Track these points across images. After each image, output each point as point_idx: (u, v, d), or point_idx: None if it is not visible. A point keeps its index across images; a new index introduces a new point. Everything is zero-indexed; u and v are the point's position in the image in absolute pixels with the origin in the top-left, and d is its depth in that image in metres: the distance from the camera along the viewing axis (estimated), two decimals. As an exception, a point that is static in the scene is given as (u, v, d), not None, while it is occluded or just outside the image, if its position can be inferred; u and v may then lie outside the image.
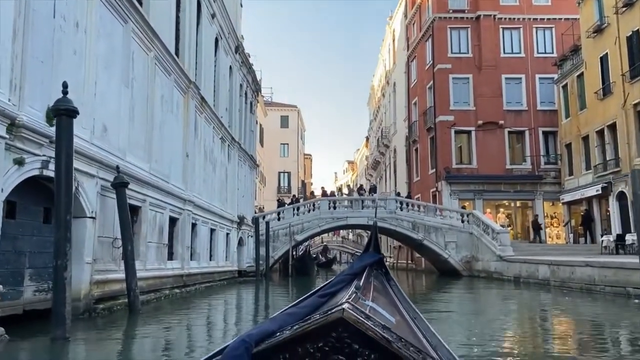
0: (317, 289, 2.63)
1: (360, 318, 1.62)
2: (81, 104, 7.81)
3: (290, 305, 2.48)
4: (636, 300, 10.56)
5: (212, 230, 17.65)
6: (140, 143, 10.90)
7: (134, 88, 10.59)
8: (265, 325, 1.83)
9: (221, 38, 18.83)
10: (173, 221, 13.43)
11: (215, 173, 18.05)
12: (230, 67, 20.82)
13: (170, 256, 13.27)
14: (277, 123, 58.24)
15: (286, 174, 58.65)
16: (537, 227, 27.01)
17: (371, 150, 59.61)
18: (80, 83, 8.21)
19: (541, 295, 14.37)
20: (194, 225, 15.32)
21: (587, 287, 13.29)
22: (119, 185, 8.92)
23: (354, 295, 1.88)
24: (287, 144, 59.38)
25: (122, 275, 9.11)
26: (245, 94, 24.37)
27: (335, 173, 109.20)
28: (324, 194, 30.43)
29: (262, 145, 51.19)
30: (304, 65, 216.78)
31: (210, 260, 17.49)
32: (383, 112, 48.40)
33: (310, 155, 78.70)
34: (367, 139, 67.85)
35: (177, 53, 13.61)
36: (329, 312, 1.65)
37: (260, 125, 50.70)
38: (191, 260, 14.85)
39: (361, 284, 2.27)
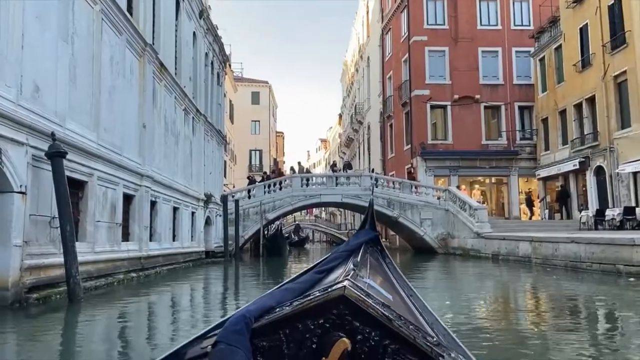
0: (313, 264, 2.53)
1: (361, 296, 1.61)
2: (2, 56, 6.48)
3: (287, 281, 2.37)
4: (631, 279, 9.89)
5: (175, 209, 16.41)
6: (84, 109, 9.56)
7: (75, 45, 9.21)
8: (263, 301, 1.79)
9: (183, 0, 17.32)
10: (128, 198, 12.17)
11: (178, 147, 16.73)
12: (194, 34, 19.32)
13: (126, 237, 12.04)
14: (248, 99, 56.48)
15: (258, 152, 57.19)
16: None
17: (344, 127, 58.61)
18: (1, 32, 6.85)
19: (522, 273, 13.74)
20: (153, 203, 14.07)
21: (572, 265, 12.67)
22: (55, 155, 7.65)
23: (352, 272, 1.88)
24: (259, 121, 57.77)
25: (63, 260, 7.89)
26: (212, 64, 22.88)
27: (308, 151, 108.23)
28: (301, 170, 29.31)
29: (232, 122, 49.56)
30: (275, 42, 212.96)
31: (174, 241, 16.29)
32: (357, 88, 47.28)
33: (283, 133, 77.20)
34: (340, 116, 66.74)
35: (130, 11, 12.16)
36: (330, 290, 1.64)
37: (230, 101, 49.03)
38: (151, 241, 13.64)
39: (358, 260, 2.29)
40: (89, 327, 6.41)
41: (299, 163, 31.69)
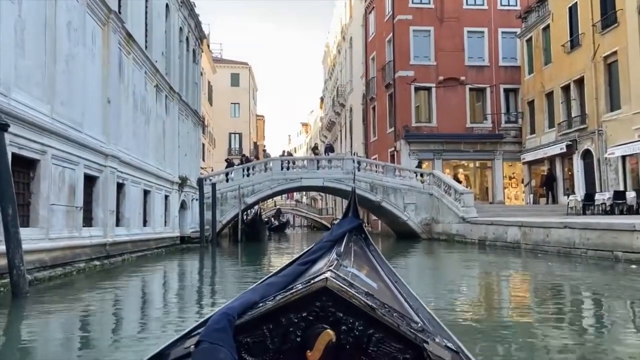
0: (297, 256, 2.49)
1: (344, 286, 1.59)
2: None
3: (270, 275, 2.32)
4: (634, 266, 9.29)
5: (146, 192, 15.37)
6: (35, 78, 8.48)
7: (23, 5, 8.10)
8: (246, 296, 1.76)
9: (153, -32, 16.09)
10: (91, 180, 11.12)
11: (148, 126, 15.63)
12: (167, 5, 18.09)
13: (88, 222, 11.03)
14: (227, 81, 54.99)
15: (237, 135, 55.88)
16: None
17: (326, 110, 57.62)
18: None
19: (512, 258, 13.15)
20: (120, 186, 13.03)
21: (565, 251, 12.08)
22: (-7, 128, 6.62)
23: (335, 262, 1.90)
24: (238, 103, 56.35)
25: (5, 248, 6.90)
26: (187, 40, 21.65)
27: (289, 135, 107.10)
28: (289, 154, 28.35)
29: (210, 104, 48.20)
30: (255, 24, 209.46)
31: (145, 226, 15.28)
32: (339, 70, 46.24)
33: (263, 117, 75.83)
34: (322, 99, 65.65)
35: (90, -28, 10.98)
36: (312, 282, 1.62)
37: (209, 82, 47.61)
38: (117, 226, 12.63)
39: (342, 250, 2.30)
40: (30, 328, 5.48)
41: (284, 152, 30.79)
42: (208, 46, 48.34)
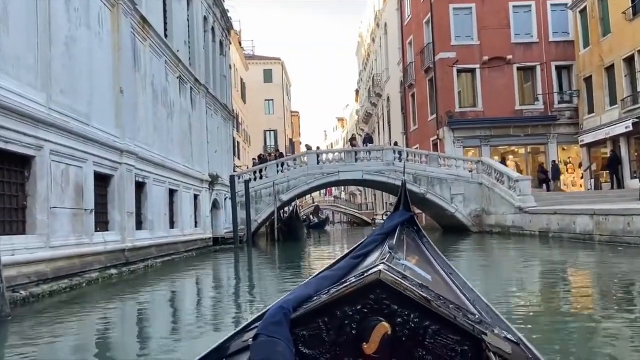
0: (350, 250, 2.49)
1: (398, 279, 1.59)
2: None
3: (323, 269, 2.28)
4: None
5: (172, 192, 14.27)
6: (25, 62, 7.33)
7: (6, -24, 6.95)
8: (301, 290, 1.79)
9: (172, -50, 14.94)
10: (104, 179, 10.00)
11: (172, 121, 14.50)
12: (188, -8, 16.96)
13: (104, 226, 9.92)
14: (260, 78, 54.04)
15: (272, 133, 54.92)
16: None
17: (362, 102, 55.93)
18: None
19: (584, 253, 11.34)
20: (141, 185, 11.91)
21: (655, 242, 10.16)
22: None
23: (388, 255, 1.90)
24: (272, 100, 55.36)
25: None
26: (213, 30, 20.51)
27: (325, 131, 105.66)
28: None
29: (244, 101, 47.37)
30: (286, 17, 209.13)
31: (172, 228, 14.18)
32: (374, 60, 44.48)
33: (298, 113, 74.67)
34: (357, 92, 63.97)
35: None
36: (366, 275, 1.62)
37: (242, 80, 46.79)
38: (139, 229, 11.52)
39: (394, 243, 2.28)
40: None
41: (308, 147, 29.33)
42: (240, 43, 47.58)
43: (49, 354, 4.63)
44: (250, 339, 1.58)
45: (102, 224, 9.80)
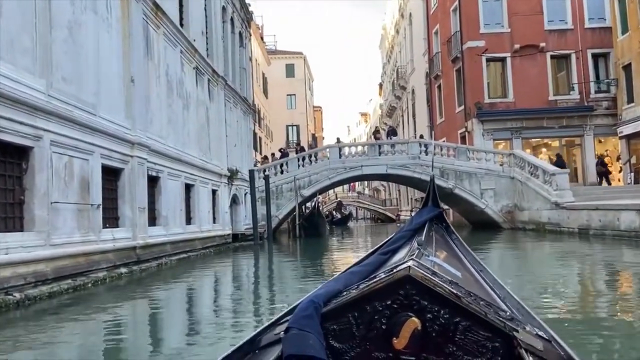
0: (378, 246, 2.49)
1: (427, 275, 1.59)
2: None
3: (352, 264, 2.25)
4: None
5: (188, 186, 13.71)
6: (20, 45, 6.76)
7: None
8: (330, 285, 1.80)
9: None
10: (113, 172, 9.45)
11: (188, 112, 13.92)
12: (205, -20, 16.35)
13: (113, 222, 9.37)
14: (282, 72, 53.48)
15: (295, 127, 54.33)
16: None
17: (385, 96, 54.84)
18: None
19: (633, 252, 10.34)
20: (154, 179, 11.35)
21: None
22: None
23: (417, 251, 1.90)
24: (294, 94, 54.75)
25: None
26: (232, 21, 19.90)
27: (348, 126, 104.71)
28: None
29: (266, 96, 46.93)
30: (310, 15, 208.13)
31: (189, 224, 13.62)
32: (397, 52, 43.40)
33: (321, 108, 74.00)
34: (381, 85, 62.85)
35: None
36: (395, 270, 1.63)
37: (264, 74, 46.35)
38: (152, 225, 10.97)
39: (423, 239, 2.26)
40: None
41: (338, 139, 28.68)
42: (262, 38, 47.08)
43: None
44: (282, 332, 1.60)
45: (111, 220, 9.25)
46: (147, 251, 10.26)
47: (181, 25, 13.77)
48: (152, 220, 11.14)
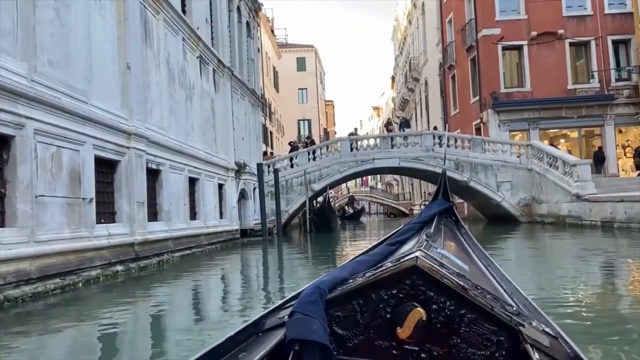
0: (386, 237, 2.51)
1: (435, 266, 1.58)
2: None
3: (359, 254, 2.28)
4: None
5: (192, 180, 13.21)
6: (3, 27, 6.23)
7: None
8: (337, 272, 1.80)
9: None
10: (108, 164, 8.94)
11: (191, 103, 13.40)
12: (208, -34, 15.78)
13: (109, 217, 8.88)
14: (293, 66, 52.89)
15: (306, 122, 53.76)
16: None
17: (398, 89, 54.01)
18: None
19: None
20: (155, 172, 10.85)
21: None
22: None
23: (425, 242, 1.92)
24: (306, 88, 54.16)
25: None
26: (238, 10, 19.33)
27: (360, 121, 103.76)
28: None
29: (277, 90, 46.38)
30: (322, 8, 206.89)
31: (193, 219, 13.12)
32: (410, 43, 42.56)
33: (332, 102, 73.22)
34: (393, 78, 62.03)
35: None
36: (402, 260, 1.63)
37: (274, 68, 45.80)
38: (153, 221, 10.47)
39: (431, 231, 2.28)
40: None
41: (355, 130, 28.08)
42: (272, 31, 46.46)
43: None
44: (286, 316, 1.61)
45: (106, 214, 8.76)
46: (147, 247, 9.77)
47: (183, 12, 13.24)
48: (153, 215, 10.65)
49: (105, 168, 8.81)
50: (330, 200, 25.60)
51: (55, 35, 7.34)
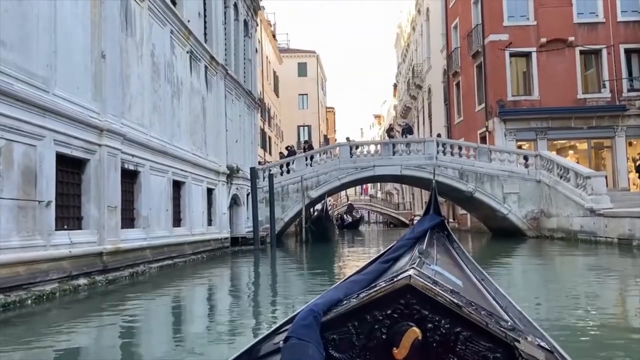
0: (379, 254, 2.45)
1: (428, 284, 1.56)
2: None
3: (353, 273, 2.25)
4: None
5: (177, 184, 12.19)
6: None
7: None
8: (330, 294, 1.76)
9: None
10: (74, 164, 7.92)
11: (179, 101, 12.42)
12: (202, -44, 14.85)
13: (74, 223, 7.85)
14: (294, 71, 52.12)
15: (306, 128, 52.90)
16: None
17: (400, 96, 53.12)
18: None
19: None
20: (133, 174, 9.84)
21: None
22: None
23: (418, 260, 1.87)
24: (306, 94, 53.41)
25: None
26: (235, 7, 18.42)
27: (362, 129, 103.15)
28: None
29: (277, 95, 45.56)
30: (324, 14, 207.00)
31: (177, 226, 12.10)
32: (414, 49, 41.71)
33: (333, 109, 72.49)
34: (395, 86, 61.13)
35: None
36: (396, 279, 1.61)
37: (275, 72, 44.99)
38: (129, 227, 9.45)
39: (424, 247, 2.25)
40: None
41: (347, 139, 27.07)
42: (274, 36, 45.69)
43: None
44: (281, 342, 1.59)
45: (70, 220, 7.74)
46: (119, 258, 8.74)
47: (173, 3, 12.30)
48: (129, 222, 9.63)
49: (71, 167, 7.79)
50: (329, 208, 24.59)
51: (10, 12, 6.36)
